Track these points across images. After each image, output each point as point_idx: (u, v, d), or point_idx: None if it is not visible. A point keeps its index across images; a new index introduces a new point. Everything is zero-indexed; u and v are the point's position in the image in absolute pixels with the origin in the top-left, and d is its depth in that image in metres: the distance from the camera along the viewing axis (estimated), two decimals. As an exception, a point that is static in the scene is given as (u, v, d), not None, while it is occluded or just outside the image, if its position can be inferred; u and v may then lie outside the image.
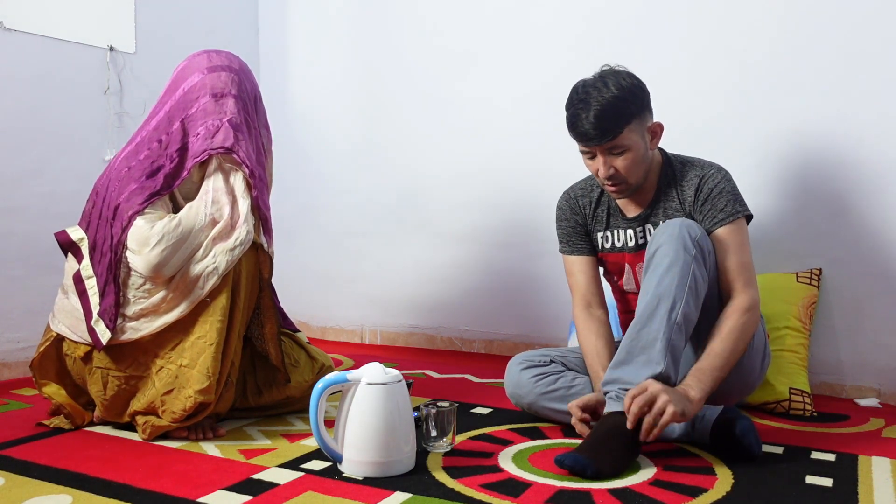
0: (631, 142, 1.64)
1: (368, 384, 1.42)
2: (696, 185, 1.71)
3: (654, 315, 1.53)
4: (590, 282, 1.86)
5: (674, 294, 1.53)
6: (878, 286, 2.09)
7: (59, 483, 1.38)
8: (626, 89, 1.63)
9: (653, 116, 1.71)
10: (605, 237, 1.84)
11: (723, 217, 1.67)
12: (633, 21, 2.40)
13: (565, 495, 1.34)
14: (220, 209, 1.66)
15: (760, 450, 1.57)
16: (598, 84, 1.64)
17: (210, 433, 1.68)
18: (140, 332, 1.64)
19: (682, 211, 1.72)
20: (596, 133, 1.62)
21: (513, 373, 1.82)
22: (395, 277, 2.89)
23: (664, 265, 1.55)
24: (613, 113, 1.61)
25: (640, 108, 1.65)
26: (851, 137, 2.11)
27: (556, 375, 1.79)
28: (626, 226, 1.80)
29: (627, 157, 1.65)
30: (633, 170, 1.67)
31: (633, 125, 1.64)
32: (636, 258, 1.79)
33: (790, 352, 2.01)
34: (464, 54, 2.71)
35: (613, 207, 1.82)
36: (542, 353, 1.85)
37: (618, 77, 1.65)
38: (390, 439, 1.41)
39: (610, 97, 1.61)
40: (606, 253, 1.85)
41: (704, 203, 1.69)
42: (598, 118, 1.61)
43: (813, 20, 2.14)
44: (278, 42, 3.13)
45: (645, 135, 1.68)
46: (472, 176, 2.71)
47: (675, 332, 1.52)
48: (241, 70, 1.81)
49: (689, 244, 1.55)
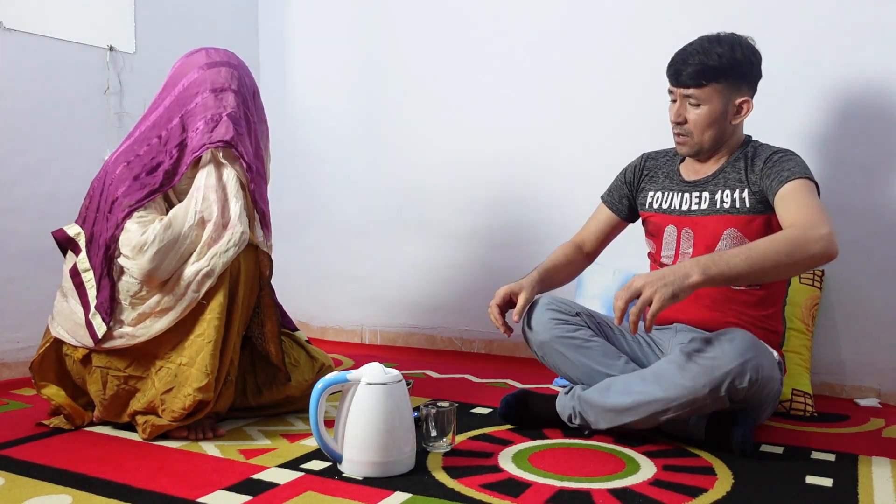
0: (710, 99, 1.67)
1: (368, 384, 1.41)
2: (768, 155, 1.69)
3: (646, 402, 1.53)
4: (598, 233, 1.94)
5: (672, 405, 1.52)
6: (879, 287, 2.09)
7: (59, 483, 1.38)
8: (734, 54, 1.66)
9: (751, 94, 1.72)
10: (656, 197, 1.84)
11: (789, 175, 1.61)
12: (635, 20, 2.40)
13: (565, 495, 1.34)
14: (209, 207, 1.65)
15: (752, 441, 1.56)
16: (715, 39, 1.68)
17: (210, 433, 1.68)
18: (138, 338, 1.64)
19: (744, 182, 1.70)
20: (683, 74, 1.67)
21: (539, 311, 1.75)
22: (395, 277, 2.89)
23: (687, 381, 1.49)
24: (709, 66, 1.65)
25: (737, 76, 1.67)
26: (852, 137, 2.11)
27: (576, 327, 1.73)
28: (681, 189, 1.80)
29: (701, 112, 1.68)
30: (702, 126, 1.69)
31: (720, 86, 1.67)
32: (683, 221, 1.77)
33: (794, 353, 2.02)
34: (464, 54, 2.71)
35: (674, 171, 1.84)
36: (569, 304, 1.79)
37: (736, 42, 1.68)
38: (390, 439, 1.41)
39: (716, 52, 1.65)
40: (652, 213, 1.84)
41: (773, 167, 1.65)
42: (693, 64, 1.66)
43: (814, 21, 2.15)
44: (278, 42, 3.13)
45: (729, 104, 1.69)
46: (473, 176, 2.71)
47: (646, 417, 1.54)
48: (240, 66, 1.81)
49: (724, 387, 1.47)
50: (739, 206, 1.70)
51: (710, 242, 1.71)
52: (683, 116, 1.71)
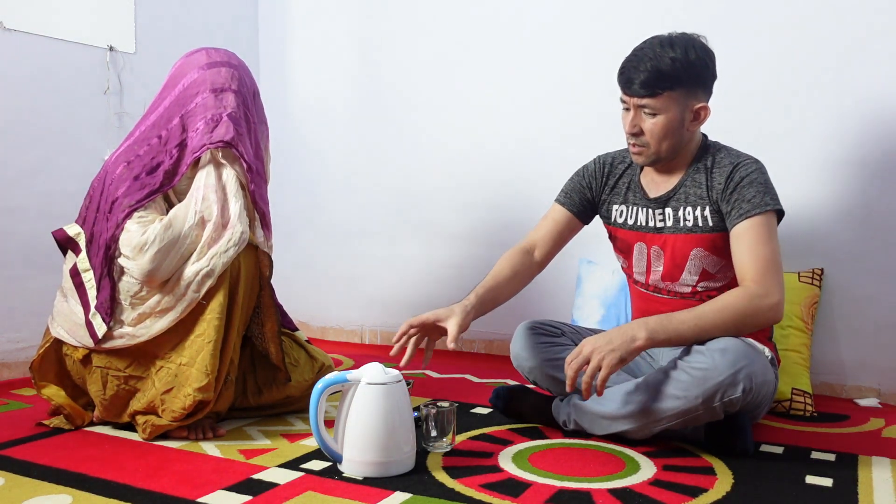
0: (666, 108, 1.59)
1: (368, 384, 1.42)
2: (728, 172, 1.62)
3: (639, 412, 1.55)
4: (554, 236, 1.85)
5: (665, 416, 1.53)
6: (878, 286, 2.09)
7: (59, 483, 1.38)
8: (688, 57, 1.57)
9: (707, 98, 1.65)
10: (620, 211, 1.79)
11: (749, 209, 1.57)
12: (637, 21, 2.40)
13: (565, 495, 1.34)
14: (209, 207, 1.65)
15: (753, 446, 1.56)
16: (665, 41, 1.59)
17: (210, 433, 1.68)
18: (138, 338, 1.64)
19: (705, 199, 1.65)
20: (636, 84, 1.58)
21: (522, 336, 1.78)
22: (395, 277, 2.88)
23: (679, 391, 1.50)
24: (662, 73, 1.56)
25: (692, 81, 1.59)
26: (853, 137, 2.11)
27: (562, 347, 1.75)
28: (645, 205, 1.74)
29: (657, 122, 1.60)
30: (659, 137, 1.62)
31: (675, 93, 1.58)
32: (653, 239, 1.73)
33: (794, 352, 2.02)
34: (464, 55, 2.71)
35: (636, 183, 1.77)
36: (553, 324, 1.81)
37: (690, 44, 1.60)
38: (390, 439, 1.41)
39: (668, 57, 1.56)
40: (618, 228, 1.80)
41: (733, 192, 1.60)
42: (645, 71, 1.57)
43: (815, 24, 2.15)
44: (278, 42, 3.13)
45: (686, 111, 1.61)
46: (472, 176, 2.71)
47: (639, 427, 1.56)
48: (240, 66, 1.81)
49: (717, 398, 1.48)
50: (702, 225, 1.65)
51: (679, 262, 1.69)
52: (639, 127, 1.63)
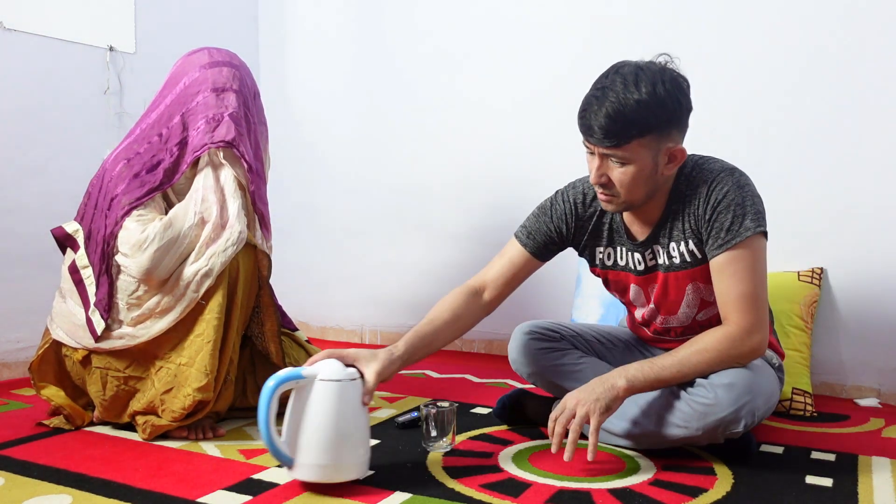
0: (636, 157, 1.39)
1: (322, 381, 1.33)
2: (705, 195, 1.46)
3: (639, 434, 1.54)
4: (509, 276, 1.65)
5: (665, 440, 1.51)
6: (879, 286, 2.09)
7: (59, 483, 1.38)
8: (657, 96, 1.36)
9: (682, 137, 1.44)
10: (608, 254, 1.63)
11: (727, 239, 1.43)
12: (639, 23, 2.40)
13: (565, 495, 1.34)
14: (209, 207, 1.65)
15: (756, 447, 1.56)
16: (629, 77, 1.37)
17: (210, 433, 1.68)
18: (138, 338, 1.64)
19: (692, 232, 1.49)
20: (599, 132, 1.38)
21: (519, 342, 1.71)
22: (395, 277, 2.88)
23: (680, 421, 1.47)
24: (628, 119, 1.35)
25: (664, 123, 1.38)
26: (853, 136, 2.11)
27: (562, 352, 1.70)
28: (632, 248, 1.58)
29: (627, 171, 1.41)
30: (630, 187, 1.43)
31: (646, 140, 1.38)
32: (646, 281, 1.60)
33: (794, 351, 2.02)
34: (463, 55, 2.71)
35: (618, 223, 1.59)
36: (551, 328, 1.73)
37: (658, 78, 1.37)
38: (341, 441, 1.33)
39: (633, 100, 1.35)
40: (608, 270, 1.66)
41: (711, 218, 1.45)
42: (607, 117, 1.36)
43: (816, 22, 2.15)
44: (278, 42, 3.13)
45: (659, 156, 1.41)
46: (472, 176, 2.71)
47: (637, 443, 1.56)
48: (241, 66, 1.82)
49: (719, 431, 1.45)
50: (691, 260, 1.51)
51: (676, 297, 1.57)
52: (607, 176, 1.43)
